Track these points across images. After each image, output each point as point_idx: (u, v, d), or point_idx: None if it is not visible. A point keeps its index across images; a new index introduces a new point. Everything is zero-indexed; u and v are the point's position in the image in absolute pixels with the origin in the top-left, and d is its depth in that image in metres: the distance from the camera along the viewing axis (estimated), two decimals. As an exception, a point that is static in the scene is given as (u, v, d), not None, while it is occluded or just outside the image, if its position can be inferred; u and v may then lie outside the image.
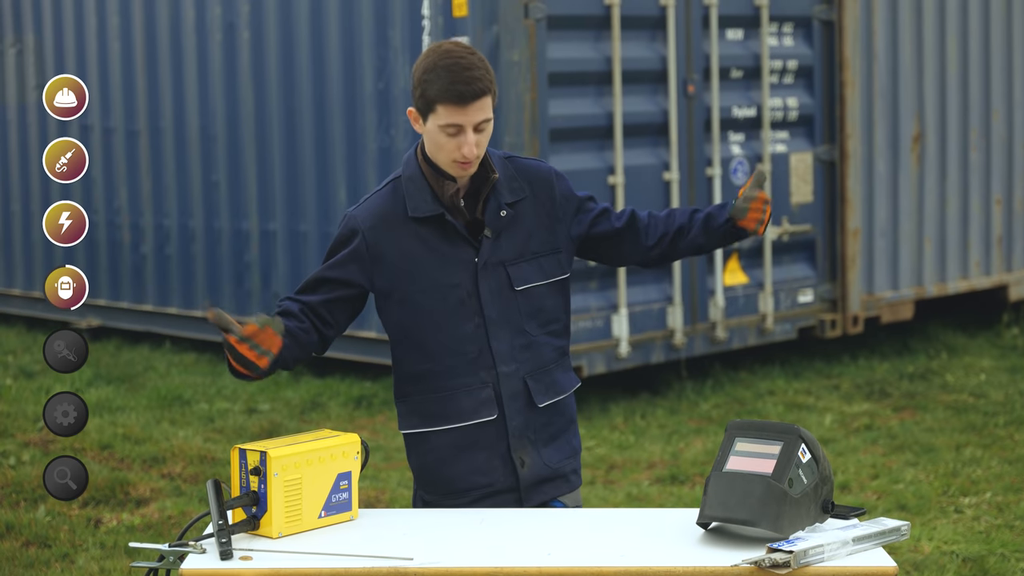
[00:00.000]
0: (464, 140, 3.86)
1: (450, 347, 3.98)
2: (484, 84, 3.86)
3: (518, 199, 4.02)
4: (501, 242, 4.00)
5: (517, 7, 8.98)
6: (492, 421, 4.01)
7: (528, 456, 4.04)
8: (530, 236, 4.03)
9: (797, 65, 10.33)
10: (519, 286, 4.01)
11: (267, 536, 3.63)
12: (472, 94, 3.84)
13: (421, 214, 3.97)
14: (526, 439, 4.04)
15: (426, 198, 3.97)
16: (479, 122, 3.87)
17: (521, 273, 4.02)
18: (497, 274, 4.00)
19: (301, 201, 10.32)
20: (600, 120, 9.39)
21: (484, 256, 3.99)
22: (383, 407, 9.49)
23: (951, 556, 6.50)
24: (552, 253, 4.07)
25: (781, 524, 3.49)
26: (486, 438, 4.02)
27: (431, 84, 3.85)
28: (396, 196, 4.01)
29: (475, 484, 4.02)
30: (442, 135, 3.88)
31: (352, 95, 9.90)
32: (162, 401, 9.56)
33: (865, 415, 9.21)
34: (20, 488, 7.43)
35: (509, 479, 4.04)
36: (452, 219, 3.97)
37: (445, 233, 3.98)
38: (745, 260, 10.15)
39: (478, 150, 3.89)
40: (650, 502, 7.44)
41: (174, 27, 11.08)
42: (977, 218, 11.51)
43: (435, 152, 3.94)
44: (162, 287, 11.46)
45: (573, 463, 4.14)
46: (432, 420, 4.03)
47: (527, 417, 4.04)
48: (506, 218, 4.00)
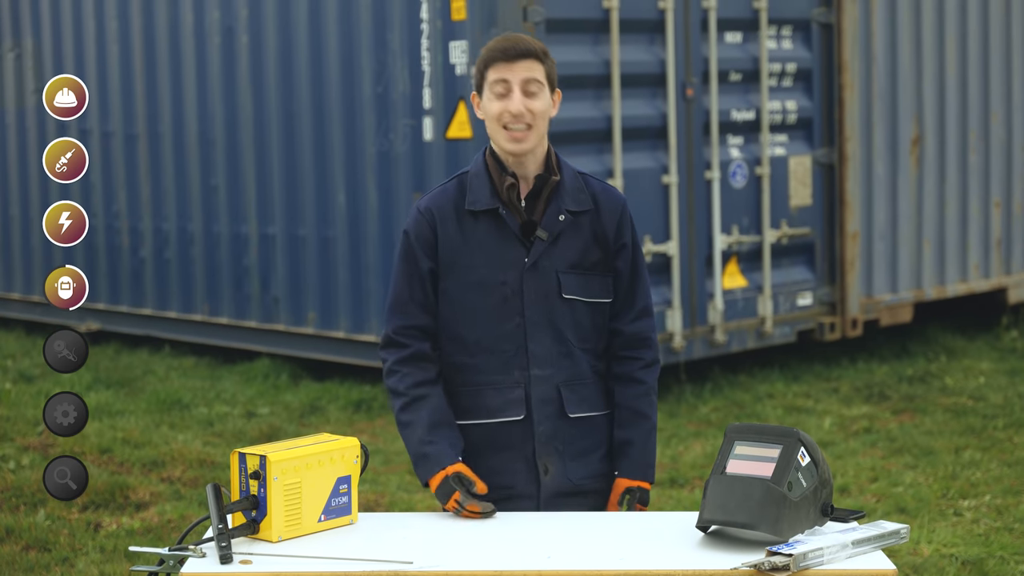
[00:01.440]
0: (512, 99, 3.93)
1: (487, 343, 4.01)
2: (532, 46, 3.97)
3: (581, 210, 4.05)
4: (557, 247, 4.02)
5: (516, 10, 8.99)
6: (519, 422, 4.03)
7: (553, 465, 4.05)
8: (587, 250, 4.05)
9: (796, 68, 10.33)
10: (567, 294, 4.03)
11: (267, 540, 3.63)
12: (517, 51, 3.94)
13: (478, 207, 4.02)
14: (553, 447, 4.05)
15: (485, 192, 4.02)
16: (526, 79, 3.95)
17: (571, 283, 4.03)
18: (547, 278, 4.02)
19: (300, 205, 10.32)
20: (599, 123, 9.39)
21: (534, 257, 4.01)
22: (382, 411, 9.49)
23: (950, 559, 6.50)
24: (603, 275, 4.08)
25: (780, 527, 3.50)
26: (512, 438, 4.04)
27: (484, 53, 3.99)
28: (460, 189, 4.07)
29: (495, 484, 4.01)
30: (494, 101, 3.96)
31: (351, 99, 9.90)
32: (161, 405, 9.56)
33: (864, 418, 9.21)
34: (20, 492, 7.42)
35: (530, 485, 4.05)
36: (506, 215, 3.99)
37: (499, 229, 4.02)
38: (744, 263, 10.15)
39: (529, 114, 3.94)
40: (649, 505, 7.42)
41: (173, 31, 11.08)
42: (976, 221, 11.51)
43: (492, 128, 4.00)
44: (161, 291, 11.46)
45: (598, 484, 4.12)
46: (461, 414, 4.06)
47: (556, 425, 4.04)
48: (564, 223, 4.02)
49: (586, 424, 4.09)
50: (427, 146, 9.43)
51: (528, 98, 3.95)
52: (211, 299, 11.06)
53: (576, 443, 4.07)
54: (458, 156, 9.18)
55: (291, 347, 10.51)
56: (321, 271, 10.21)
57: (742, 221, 10.08)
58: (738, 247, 10.06)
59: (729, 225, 10.00)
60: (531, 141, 3.97)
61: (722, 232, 9.94)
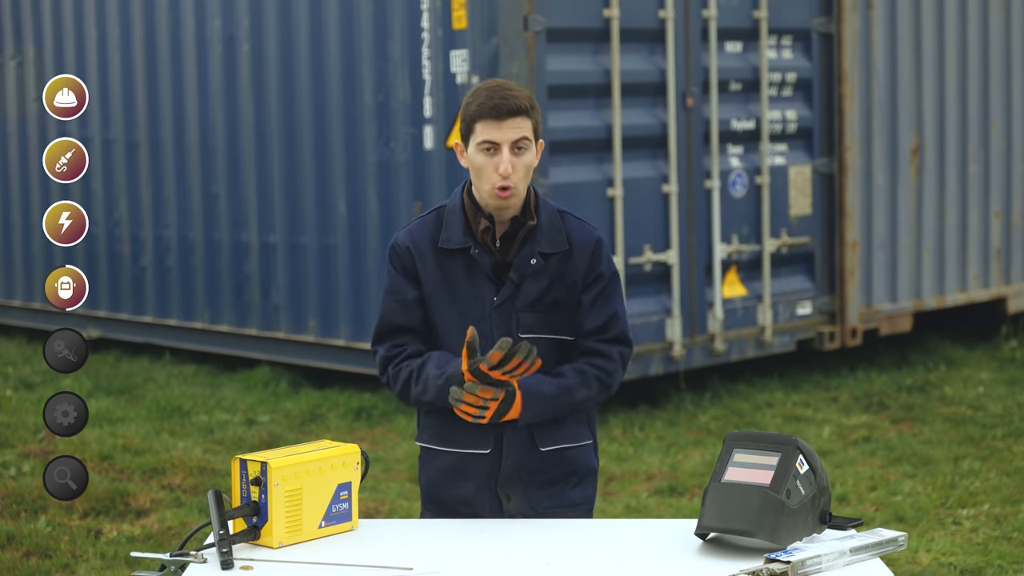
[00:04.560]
0: (500, 159, 3.91)
1: None
2: (521, 102, 3.92)
3: (555, 251, 4.05)
4: (522, 288, 4.03)
5: (516, 19, 9.00)
6: (486, 455, 4.05)
7: (515, 494, 4.07)
8: (550, 287, 4.05)
9: (796, 78, 10.35)
10: (523, 333, 4.02)
11: (268, 546, 3.64)
12: (507, 109, 3.90)
13: (450, 245, 4.02)
14: (517, 477, 4.06)
15: (459, 231, 4.02)
16: (515, 140, 3.92)
17: (528, 320, 4.04)
18: (510, 317, 4.03)
19: (300, 213, 10.33)
20: (599, 132, 9.40)
21: (502, 298, 4.03)
22: (382, 419, 9.50)
23: (949, 568, 6.51)
24: (568, 310, 4.07)
25: (779, 535, 3.51)
26: (478, 470, 4.07)
27: (471, 104, 3.95)
28: (436, 224, 4.07)
29: (461, 513, 4.08)
30: (480, 156, 3.94)
31: (352, 108, 9.91)
32: (162, 412, 9.57)
33: (863, 427, 9.22)
34: (20, 499, 7.43)
35: (494, 512, 4.08)
36: (478, 255, 4.01)
37: (469, 268, 4.03)
38: (744, 272, 10.16)
39: (516, 174, 3.93)
40: (648, 514, 7.45)
41: (174, 39, 11.10)
42: (975, 231, 11.52)
43: (477, 181, 3.99)
44: (162, 299, 11.47)
45: (567, 513, 4.10)
46: (438, 440, 4.10)
47: (524, 457, 4.05)
48: (535, 267, 4.02)
49: (556, 456, 4.09)
50: (428, 155, 9.45)
51: (516, 156, 3.94)
52: (212, 307, 11.06)
53: (544, 474, 4.08)
54: (459, 165, 9.11)
55: (291, 355, 10.52)
56: (322, 279, 10.22)
57: (742, 230, 10.09)
58: (738, 256, 10.08)
59: (729, 234, 10.01)
60: (516, 199, 3.98)
61: (722, 241, 9.95)
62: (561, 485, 4.11)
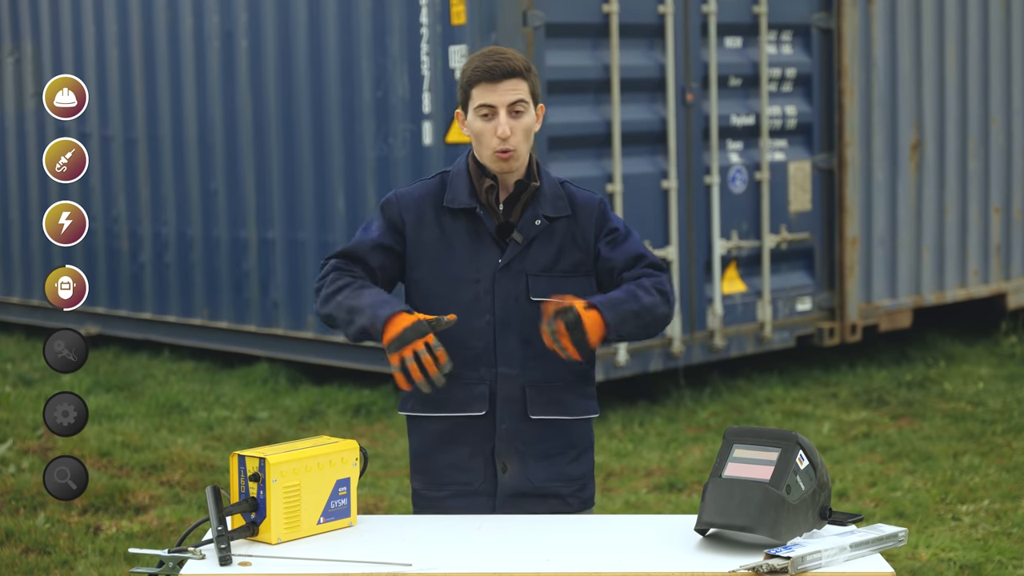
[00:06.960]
0: (498, 122, 3.94)
1: (457, 337, 3.99)
2: (516, 64, 3.96)
3: (558, 215, 4.07)
4: (530, 251, 4.04)
5: (515, 15, 9.00)
6: (480, 418, 4.03)
7: (512, 464, 4.05)
8: (560, 254, 4.06)
9: (796, 73, 10.34)
10: (535, 297, 4.03)
11: (266, 542, 3.64)
12: (502, 71, 3.94)
13: (455, 205, 4.05)
14: (514, 448, 4.05)
15: (464, 192, 4.05)
16: (512, 102, 3.95)
17: (540, 286, 4.04)
18: (518, 280, 4.03)
19: (299, 210, 10.32)
20: (598, 128, 9.40)
21: (507, 259, 4.03)
22: (381, 415, 9.50)
23: (948, 563, 6.50)
24: (580, 276, 4.08)
25: (779, 530, 3.50)
26: (473, 434, 4.05)
27: (466, 70, 4.00)
28: (440, 186, 4.10)
29: (453, 480, 4.05)
30: (479, 121, 3.98)
31: (350, 104, 9.91)
32: (161, 409, 9.57)
33: (863, 423, 9.22)
34: (20, 495, 7.43)
35: (488, 482, 4.05)
36: (484, 215, 4.03)
37: (475, 228, 4.05)
38: (743, 268, 10.16)
39: (515, 136, 3.96)
40: (648, 510, 7.45)
41: (172, 35, 11.09)
42: (975, 227, 11.52)
43: (478, 146, 4.02)
44: (160, 295, 11.47)
45: (563, 487, 4.09)
46: (426, 406, 4.07)
47: (519, 425, 4.04)
48: (539, 228, 4.04)
49: (552, 427, 4.07)
50: (427, 150, 9.44)
51: (514, 118, 3.97)
52: (210, 303, 11.06)
53: (539, 445, 4.06)
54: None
55: (290, 351, 10.52)
56: (320, 275, 10.20)
57: (741, 226, 10.09)
58: (737, 252, 10.07)
59: (728, 230, 10.01)
60: (518, 161, 4.01)
61: (721, 237, 9.95)
62: (559, 458, 4.09)
